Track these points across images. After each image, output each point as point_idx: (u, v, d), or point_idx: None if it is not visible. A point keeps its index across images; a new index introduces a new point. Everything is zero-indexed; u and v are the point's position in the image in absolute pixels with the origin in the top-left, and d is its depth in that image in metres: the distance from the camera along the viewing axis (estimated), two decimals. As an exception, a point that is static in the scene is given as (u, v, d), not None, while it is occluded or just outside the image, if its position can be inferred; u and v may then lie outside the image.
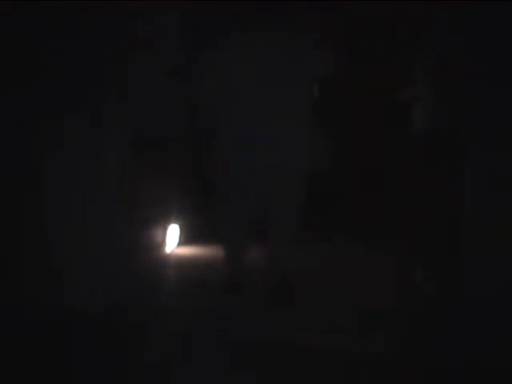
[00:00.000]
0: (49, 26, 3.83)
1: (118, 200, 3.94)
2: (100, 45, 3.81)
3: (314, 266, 5.05)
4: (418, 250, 4.62)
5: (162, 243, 5.59)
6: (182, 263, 5.25)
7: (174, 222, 5.72)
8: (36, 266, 3.89)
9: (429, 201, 4.39)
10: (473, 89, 3.32)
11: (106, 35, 3.83)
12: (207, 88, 4.14)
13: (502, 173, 3.24)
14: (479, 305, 3.28)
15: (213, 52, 4.14)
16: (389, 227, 6.11)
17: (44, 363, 3.16)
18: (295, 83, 4.03)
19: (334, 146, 4.30)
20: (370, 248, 5.91)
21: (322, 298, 4.23)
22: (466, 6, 3.57)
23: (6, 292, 3.84)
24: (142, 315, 3.84)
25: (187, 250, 5.71)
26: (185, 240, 5.87)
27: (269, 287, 4.20)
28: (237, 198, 4.16)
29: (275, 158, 4.04)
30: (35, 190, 3.89)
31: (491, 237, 3.26)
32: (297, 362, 3.28)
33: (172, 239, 5.69)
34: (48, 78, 3.84)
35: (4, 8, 3.83)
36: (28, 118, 3.88)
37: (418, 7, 4.43)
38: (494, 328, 3.26)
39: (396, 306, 4.12)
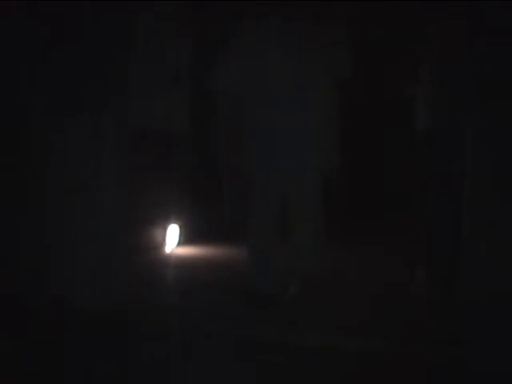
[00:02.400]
0: (49, 26, 3.83)
1: (118, 200, 3.94)
2: (100, 45, 3.81)
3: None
4: (417, 250, 4.63)
5: (162, 243, 5.59)
6: (182, 263, 5.25)
7: (174, 222, 5.72)
8: (36, 265, 3.89)
9: (429, 201, 4.40)
10: (473, 89, 3.31)
11: (106, 35, 3.83)
12: (221, 87, 4.14)
13: (502, 173, 3.24)
14: (479, 305, 3.27)
15: (221, 50, 4.14)
16: (389, 227, 6.11)
17: (44, 363, 3.16)
18: (311, 83, 4.03)
19: (349, 145, 4.31)
20: (370, 247, 5.91)
21: (322, 298, 4.23)
22: (466, 6, 3.57)
23: (5, 292, 3.84)
24: (142, 315, 3.84)
25: (187, 250, 5.71)
26: (185, 240, 5.87)
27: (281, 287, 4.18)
28: (263, 199, 4.13)
29: (294, 157, 4.04)
30: (35, 190, 3.89)
31: (491, 237, 3.26)
32: (297, 361, 3.28)
33: (172, 239, 5.69)
34: (48, 77, 3.84)
35: (4, 8, 3.83)
36: (28, 118, 3.88)
37: (418, 7, 4.43)
38: (493, 328, 3.25)
39: (396, 305, 4.13)
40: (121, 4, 3.89)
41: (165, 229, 5.60)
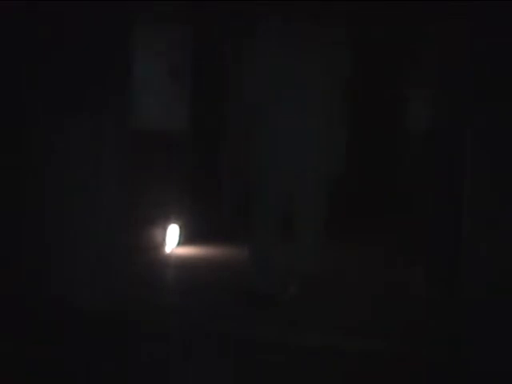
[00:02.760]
0: (49, 26, 3.83)
1: (118, 200, 3.94)
2: (100, 45, 3.81)
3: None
4: (417, 250, 4.63)
5: (162, 243, 5.59)
6: (182, 263, 5.25)
7: (174, 222, 5.71)
8: (36, 265, 3.89)
9: (429, 201, 4.40)
10: (473, 89, 3.31)
11: (106, 35, 3.83)
12: (221, 87, 4.14)
13: (502, 173, 3.24)
14: (479, 305, 3.27)
15: (221, 50, 4.15)
16: (389, 227, 6.11)
17: (44, 363, 3.16)
18: (311, 83, 4.03)
19: (349, 145, 4.31)
20: (370, 247, 5.91)
21: (322, 298, 4.23)
22: (466, 6, 3.57)
23: (5, 292, 3.84)
24: (142, 315, 3.84)
25: (187, 250, 5.71)
26: (185, 240, 5.87)
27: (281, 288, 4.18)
28: (264, 199, 4.12)
29: (294, 157, 4.04)
30: (35, 190, 3.89)
31: (491, 237, 3.26)
32: (297, 361, 3.28)
33: (172, 239, 5.69)
34: (48, 77, 3.84)
35: (4, 8, 3.83)
36: (28, 118, 3.88)
37: (418, 7, 4.43)
38: (493, 328, 3.25)
39: (396, 305, 4.13)
40: (121, 4, 3.89)
41: (165, 229, 5.60)
